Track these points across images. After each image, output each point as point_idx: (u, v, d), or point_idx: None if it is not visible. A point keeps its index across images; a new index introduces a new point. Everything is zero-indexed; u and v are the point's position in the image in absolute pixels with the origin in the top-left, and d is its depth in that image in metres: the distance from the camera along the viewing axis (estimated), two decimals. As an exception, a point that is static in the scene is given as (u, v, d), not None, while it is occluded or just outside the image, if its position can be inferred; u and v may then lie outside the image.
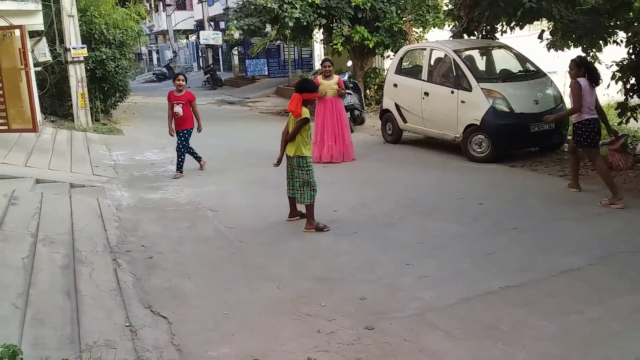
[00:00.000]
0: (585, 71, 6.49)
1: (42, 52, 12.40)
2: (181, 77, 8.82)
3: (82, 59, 12.65)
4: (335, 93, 9.38)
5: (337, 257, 5.18)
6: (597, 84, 6.53)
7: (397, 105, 10.39)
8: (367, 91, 15.36)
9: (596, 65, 9.34)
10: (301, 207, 6.06)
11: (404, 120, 10.31)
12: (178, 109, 8.42)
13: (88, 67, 13.06)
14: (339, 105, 9.38)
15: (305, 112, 5.83)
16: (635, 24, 8.21)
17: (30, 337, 3.48)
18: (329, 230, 5.82)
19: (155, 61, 50.82)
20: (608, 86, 8.76)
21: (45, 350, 3.34)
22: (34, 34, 12.21)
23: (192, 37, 42.61)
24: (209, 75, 28.71)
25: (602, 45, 8.94)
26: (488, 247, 5.22)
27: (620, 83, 8.59)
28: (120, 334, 3.73)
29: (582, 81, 6.43)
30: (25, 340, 3.40)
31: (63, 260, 4.84)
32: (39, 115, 8.82)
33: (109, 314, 4.02)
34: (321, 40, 17.29)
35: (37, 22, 11.75)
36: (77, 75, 12.63)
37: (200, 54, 39.18)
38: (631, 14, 8.54)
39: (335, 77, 9.54)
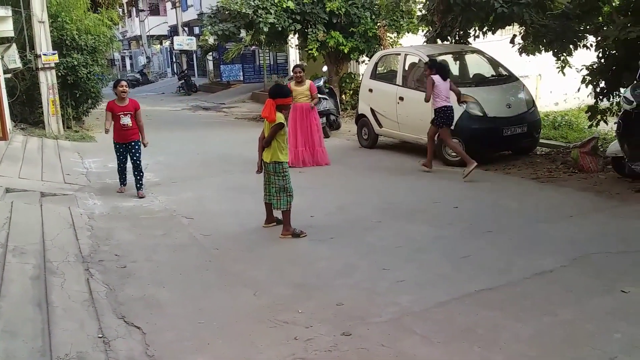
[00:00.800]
0: (437, 70, 8.24)
1: (12, 58, 12.18)
2: (123, 83, 7.81)
3: (53, 65, 12.44)
4: (308, 99, 9.29)
5: (315, 262, 5.16)
6: (447, 78, 8.29)
7: (372, 110, 10.43)
8: (343, 96, 15.41)
9: (567, 69, 9.58)
10: (278, 213, 6.03)
11: (380, 125, 10.35)
12: (126, 120, 7.51)
13: (59, 74, 12.85)
14: (311, 111, 9.30)
15: (280, 118, 5.79)
16: (605, 29, 8.39)
17: (1, 350, 3.39)
18: (305, 235, 5.80)
19: (128, 67, 50.28)
20: (578, 90, 8.94)
21: (15, 364, 3.25)
22: (3, 41, 11.99)
23: (166, 43, 42.25)
24: (183, 80, 28.51)
25: (573, 49, 9.13)
26: (464, 250, 5.25)
27: (590, 86, 8.75)
28: (93, 345, 3.65)
29: (436, 77, 8.17)
30: (-6, 354, 3.31)
31: (34, 271, 4.73)
32: (8, 123, 8.61)
33: (81, 325, 3.93)
34: (296, 45, 17.30)
35: (7, 29, 11.56)
36: (48, 82, 12.42)
37: (174, 60, 38.85)
38: (600, 18, 8.73)
39: (308, 83, 9.41)
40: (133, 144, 7.61)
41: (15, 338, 3.61)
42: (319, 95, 12.18)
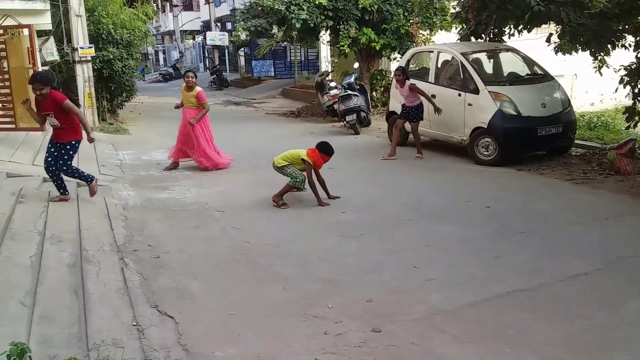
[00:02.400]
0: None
1: (50, 51, 12.45)
2: (37, 80, 6.24)
3: (89, 58, 12.68)
4: (194, 105, 8.84)
5: (343, 258, 5.17)
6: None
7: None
8: (374, 93, 15.34)
9: (604, 69, 9.38)
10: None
11: (411, 123, 10.28)
12: (52, 120, 6.29)
13: (95, 67, 13.10)
14: (194, 126, 8.76)
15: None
16: (644, 28, 8.18)
17: (38, 335, 3.49)
18: (287, 208, 6.54)
19: (161, 61, 50.96)
20: (616, 90, 8.74)
21: (53, 348, 3.35)
22: (41, 34, 12.25)
23: (199, 38, 42.71)
24: (215, 75, 28.76)
25: (611, 49, 8.91)
26: (495, 251, 5.20)
27: (628, 87, 8.55)
28: (128, 333, 3.73)
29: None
30: (33, 338, 3.41)
31: (70, 258, 4.85)
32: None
33: (116, 313, 4.02)
34: (328, 41, 17.29)
35: (45, 22, 11.80)
36: (84, 75, 12.66)
37: (206, 55, 39.24)
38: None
39: (196, 90, 8.85)
40: (64, 145, 6.42)
41: (53, 324, 3.71)
42: (350, 92, 12.25)
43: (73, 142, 6.44)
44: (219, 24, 36.79)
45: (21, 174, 7.40)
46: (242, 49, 30.84)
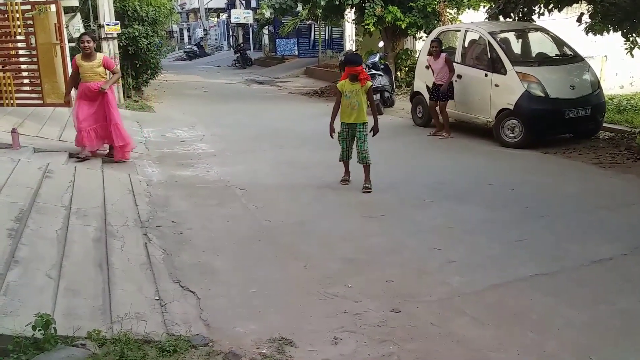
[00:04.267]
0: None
1: (77, 27, 12.50)
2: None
3: (115, 35, 12.75)
4: (101, 77, 7.26)
5: (365, 239, 5.17)
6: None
7: (428, 88, 10.24)
8: (398, 73, 15.17)
9: (635, 51, 9.12)
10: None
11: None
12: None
13: (121, 44, 13.17)
14: (104, 96, 7.30)
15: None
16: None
17: (63, 307, 3.56)
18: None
19: (186, 39, 51.05)
20: (648, 73, 8.50)
21: (77, 320, 3.42)
22: (68, 10, 12.30)
23: (223, 16, 42.60)
24: (239, 54, 28.74)
25: (644, 29, 8.66)
26: (518, 234, 5.14)
27: (661, 69, 8.31)
28: (150, 307, 3.79)
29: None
30: (58, 310, 3.48)
31: (95, 233, 4.93)
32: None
33: (139, 287, 4.09)
34: (353, 20, 17.10)
35: (72, -1, 11.86)
36: (110, 52, 12.73)
37: (230, 33, 39.18)
38: (676, -3, 8.23)
39: (99, 56, 7.35)
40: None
41: (78, 296, 3.78)
42: (374, 71, 12.08)
43: None
44: (243, 2, 36.61)
45: (48, 149, 7.52)
46: (267, 27, 30.68)
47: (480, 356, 3.31)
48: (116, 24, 12.65)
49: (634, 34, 8.91)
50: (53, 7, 9.20)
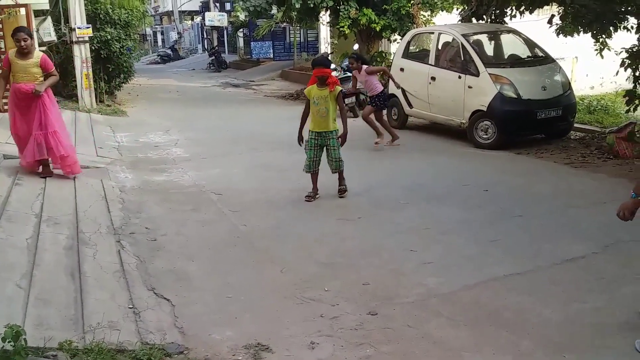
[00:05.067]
0: (362, 62, 9.06)
1: (47, 31, 12.29)
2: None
3: (87, 39, 12.55)
4: (35, 78, 6.34)
5: (342, 242, 5.17)
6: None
7: (403, 90, 10.30)
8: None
9: (605, 52, 9.28)
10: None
11: (410, 105, 10.24)
12: None
13: (93, 48, 12.96)
14: (38, 99, 6.33)
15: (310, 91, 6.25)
16: (647, 10, 8.10)
17: (34, 317, 3.49)
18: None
19: (159, 42, 50.56)
20: (617, 73, 8.68)
21: (48, 330, 3.35)
22: (39, 13, 12.11)
23: (197, 19, 42.28)
24: (213, 57, 28.52)
25: (613, 31, 8.83)
26: (493, 234, 5.19)
27: (629, 70, 8.48)
28: (124, 315, 3.73)
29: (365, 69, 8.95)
30: (28, 320, 3.41)
31: (67, 241, 4.84)
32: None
33: (112, 295, 4.02)
34: (327, 22, 17.12)
35: (43, 1, 11.65)
36: (81, 56, 12.54)
37: (205, 36, 38.89)
38: (643, -1, 8.41)
39: (38, 55, 6.47)
40: None
41: (49, 306, 3.71)
42: (349, 74, 12.07)
43: None
44: (217, 4, 36.40)
45: (17, 155, 7.35)
46: (241, 29, 30.58)
47: (455, 356, 3.34)
48: (88, 28, 12.45)
49: (603, 35, 9.09)
50: (23, 11, 9.05)
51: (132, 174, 7.55)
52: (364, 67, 9.01)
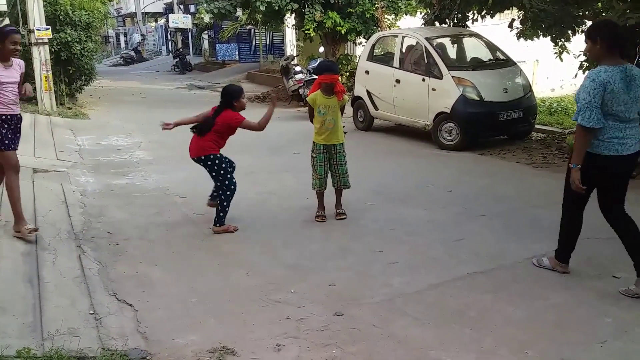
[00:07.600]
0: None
1: (4, 32, 11.97)
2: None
3: (46, 40, 12.25)
4: None
5: (308, 244, 5.15)
6: None
7: (368, 92, 10.38)
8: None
9: (564, 55, 9.51)
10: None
11: (376, 108, 10.30)
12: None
13: (52, 50, 12.67)
14: None
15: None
16: (604, 14, 8.32)
17: (-10, 325, 3.37)
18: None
19: (122, 44, 49.77)
20: (575, 76, 8.89)
21: (5, 339, 3.24)
22: (-5, 14, 11.81)
23: (161, 21, 41.79)
24: (178, 59, 28.22)
25: (571, 34, 9.06)
26: (457, 234, 5.25)
27: (587, 72, 8.69)
28: (84, 321, 3.64)
29: None
30: (-16, 329, 3.29)
31: (25, 247, 4.70)
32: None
33: (72, 301, 3.92)
34: (293, 25, 17.14)
35: (0, 2, 11.35)
36: (41, 58, 12.24)
37: (169, 38, 38.44)
38: (599, 4, 8.64)
39: None
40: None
41: (6, 313, 3.59)
42: (315, 77, 12.10)
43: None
44: (181, 6, 36.05)
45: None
46: (206, 32, 30.35)
47: (421, 355, 3.35)
48: (47, 29, 12.16)
49: (562, 39, 9.32)
50: (-23, 11, 8.77)
51: (94, 178, 7.40)
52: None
